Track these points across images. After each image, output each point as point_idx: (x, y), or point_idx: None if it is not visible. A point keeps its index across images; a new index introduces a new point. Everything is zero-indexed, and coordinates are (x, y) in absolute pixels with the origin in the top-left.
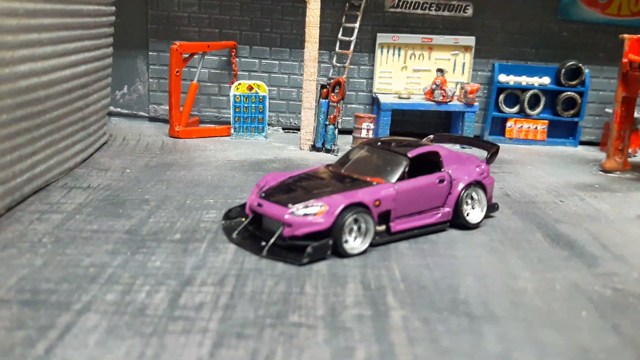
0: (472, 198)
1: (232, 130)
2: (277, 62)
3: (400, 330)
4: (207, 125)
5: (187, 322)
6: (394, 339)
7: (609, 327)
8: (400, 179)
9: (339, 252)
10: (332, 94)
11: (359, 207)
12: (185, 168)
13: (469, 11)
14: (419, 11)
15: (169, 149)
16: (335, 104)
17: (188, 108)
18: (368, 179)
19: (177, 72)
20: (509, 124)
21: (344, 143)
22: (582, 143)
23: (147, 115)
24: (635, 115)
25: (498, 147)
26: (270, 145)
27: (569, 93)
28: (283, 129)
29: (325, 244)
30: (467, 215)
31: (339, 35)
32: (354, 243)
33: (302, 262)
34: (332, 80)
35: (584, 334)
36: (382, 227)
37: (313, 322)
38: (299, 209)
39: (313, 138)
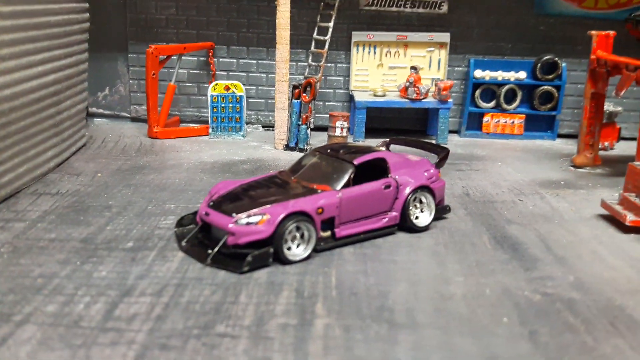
0: (420, 202)
1: (210, 130)
2: (255, 61)
3: (319, 339)
4: (188, 124)
5: (117, 333)
6: (311, 348)
7: (527, 333)
8: (345, 186)
9: (281, 259)
10: (304, 94)
11: (301, 215)
12: (155, 171)
13: (444, 7)
14: (393, 8)
15: (145, 150)
16: (307, 104)
17: (166, 109)
18: (314, 186)
19: (154, 74)
20: (485, 118)
21: (321, 141)
22: (561, 136)
23: (128, 115)
24: (610, 109)
25: (448, 152)
26: (247, 145)
27: (545, 87)
28: (263, 126)
29: (266, 252)
30: (416, 218)
31: (314, 35)
32: (296, 250)
33: (242, 270)
34: (303, 81)
35: (499, 340)
36: (327, 233)
37: (238, 332)
38: (242, 218)
39: (287, 137)
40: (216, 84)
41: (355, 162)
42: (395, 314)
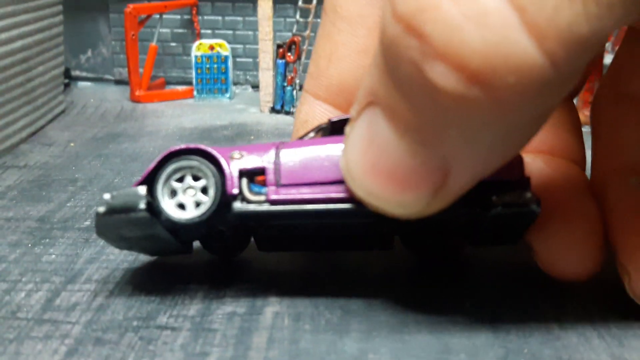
0: None
1: (195, 93)
2: (241, 18)
3: (265, 330)
4: (174, 86)
5: (53, 325)
6: (255, 340)
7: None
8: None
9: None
10: (288, 53)
11: (196, 154)
12: (131, 139)
13: None
14: None
15: (125, 116)
16: (292, 64)
17: (148, 71)
18: None
19: (133, 35)
20: None
21: None
22: None
23: (112, 78)
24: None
25: None
26: (232, 108)
27: None
28: (252, 86)
29: (133, 193)
30: None
31: None
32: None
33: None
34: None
35: (457, 327)
36: (259, 197)
37: (180, 323)
38: None
39: (272, 100)
40: (200, 44)
41: (333, 118)
42: (350, 299)
